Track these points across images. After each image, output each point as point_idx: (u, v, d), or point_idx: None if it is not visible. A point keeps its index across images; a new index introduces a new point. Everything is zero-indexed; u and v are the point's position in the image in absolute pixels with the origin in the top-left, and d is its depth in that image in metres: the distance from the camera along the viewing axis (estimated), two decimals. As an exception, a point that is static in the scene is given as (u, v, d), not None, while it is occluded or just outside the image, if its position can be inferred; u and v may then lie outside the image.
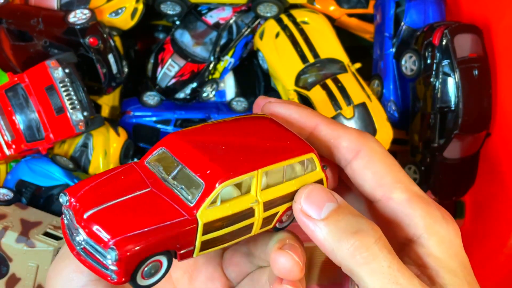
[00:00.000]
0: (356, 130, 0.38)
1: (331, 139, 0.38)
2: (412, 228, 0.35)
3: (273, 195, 0.34)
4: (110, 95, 0.87)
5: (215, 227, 0.32)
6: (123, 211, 0.31)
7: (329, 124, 0.38)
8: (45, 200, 0.75)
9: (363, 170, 0.37)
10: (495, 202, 0.78)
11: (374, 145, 0.38)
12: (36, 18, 0.78)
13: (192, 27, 0.88)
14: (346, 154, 0.37)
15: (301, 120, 0.38)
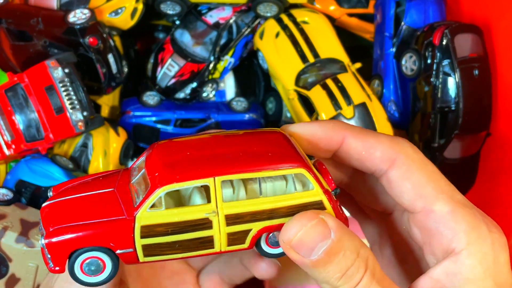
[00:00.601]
0: (388, 136, 0.36)
1: (362, 151, 0.35)
2: (453, 242, 0.34)
3: (241, 209, 0.32)
4: (110, 95, 0.87)
5: (158, 232, 0.31)
6: (71, 205, 0.33)
7: (358, 135, 0.35)
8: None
9: (401, 180, 0.35)
10: (495, 202, 0.78)
11: (411, 152, 0.35)
12: (35, 18, 0.78)
13: (192, 27, 0.88)
14: (381, 164, 0.35)
15: (326, 134, 0.36)
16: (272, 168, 0.32)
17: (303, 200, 0.32)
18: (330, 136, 0.36)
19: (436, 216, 0.34)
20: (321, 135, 0.36)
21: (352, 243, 0.32)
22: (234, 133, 0.35)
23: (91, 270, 0.32)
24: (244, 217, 0.32)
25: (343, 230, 0.32)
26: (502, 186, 0.77)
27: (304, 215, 0.32)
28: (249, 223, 0.32)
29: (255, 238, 0.33)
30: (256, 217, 0.32)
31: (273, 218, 0.32)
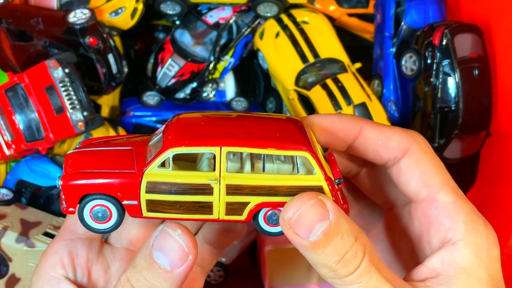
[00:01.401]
0: (403, 129, 0.38)
1: (379, 140, 0.37)
2: (451, 231, 0.35)
3: (242, 181, 0.33)
4: (110, 95, 0.87)
5: (162, 190, 0.33)
6: (91, 156, 0.35)
7: (374, 126, 0.37)
8: (45, 200, 0.75)
9: (411, 168, 0.36)
10: (495, 202, 0.78)
11: (423, 144, 0.37)
12: (36, 18, 0.78)
13: (192, 27, 0.88)
14: (395, 153, 0.37)
15: (345, 125, 0.37)
16: (277, 147, 0.33)
17: (304, 183, 0.33)
18: (348, 126, 0.37)
19: (438, 204, 0.36)
20: (340, 126, 0.37)
21: (350, 227, 0.32)
22: (253, 115, 0.37)
23: (98, 217, 0.35)
24: (244, 189, 0.33)
25: (341, 213, 0.32)
26: (502, 186, 0.77)
27: (304, 195, 0.32)
28: (248, 196, 0.33)
29: (252, 211, 0.34)
30: (255, 191, 0.33)
31: (272, 195, 0.33)
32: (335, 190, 0.34)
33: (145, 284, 0.33)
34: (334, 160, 0.36)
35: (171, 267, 0.33)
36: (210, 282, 0.81)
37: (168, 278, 0.33)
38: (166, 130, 0.35)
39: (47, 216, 0.71)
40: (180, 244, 0.33)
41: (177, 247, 0.33)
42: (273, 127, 0.35)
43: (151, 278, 0.33)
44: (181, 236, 0.33)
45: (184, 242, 0.33)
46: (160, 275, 0.33)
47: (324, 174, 0.34)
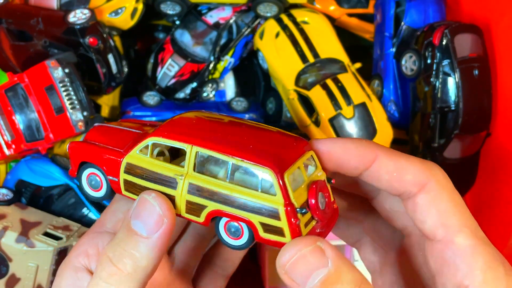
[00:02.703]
0: (421, 160, 0.35)
1: (394, 172, 0.34)
2: (468, 278, 0.32)
3: (203, 183, 0.33)
4: (110, 95, 0.87)
5: (136, 173, 0.35)
6: (106, 132, 0.38)
7: (390, 156, 0.35)
8: (45, 200, 0.75)
9: (428, 205, 0.34)
10: (495, 202, 0.78)
11: (442, 179, 0.35)
12: (36, 18, 0.78)
13: (192, 27, 0.88)
14: (411, 187, 0.34)
15: (359, 152, 0.35)
16: (242, 157, 0.32)
17: (260, 202, 0.32)
18: (363, 154, 0.35)
19: (455, 248, 0.33)
20: (354, 152, 0.35)
21: (351, 276, 0.30)
22: (250, 124, 0.36)
23: (92, 184, 0.38)
24: (203, 192, 0.33)
25: (342, 260, 0.30)
26: (502, 186, 0.77)
27: (302, 239, 0.31)
28: (206, 200, 0.33)
29: (209, 216, 0.33)
30: (213, 196, 0.33)
31: (227, 205, 0.32)
32: (295, 218, 0.31)
33: (123, 254, 0.33)
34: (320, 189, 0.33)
35: (148, 233, 0.32)
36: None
37: (145, 245, 0.32)
38: (162, 123, 0.37)
39: (47, 216, 0.71)
40: (155, 207, 0.33)
41: (153, 211, 0.33)
42: (261, 139, 0.34)
43: (128, 247, 0.33)
44: (156, 199, 0.33)
45: (158, 204, 0.33)
46: (137, 242, 0.32)
47: (285, 199, 0.31)
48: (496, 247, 0.34)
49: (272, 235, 0.32)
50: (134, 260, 0.32)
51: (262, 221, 0.32)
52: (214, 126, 0.35)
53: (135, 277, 0.32)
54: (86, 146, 0.37)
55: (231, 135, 0.34)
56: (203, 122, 0.36)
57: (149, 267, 0.33)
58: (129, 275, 0.32)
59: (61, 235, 0.67)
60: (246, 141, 0.33)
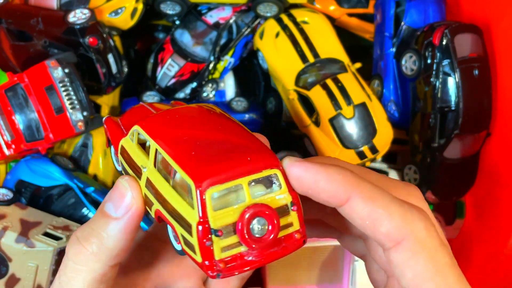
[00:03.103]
0: (402, 208, 0.30)
1: (367, 220, 0.30)
2: None
3: (154, 181, 0.32)
4: (110, 95, 0.87)
5: (124, 157, 0.36)
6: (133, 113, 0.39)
7: (366, 200, 0.30)
8: (44, 200, 0.75)
9: (403, 266, 0.30)
10: (496, 202, 0.78)
11: (423, 235, 0.30)
12: (35, 18, 0.78)
13: (192, 27, 0.88)
14: (384, 241, 0.30)
15: (331, 190, 0.30)
16: (177, 163, 0.31)
17: (182, 212, 0.30)
18: (334, 192, 0.30)
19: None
20: (325, 188, 0.30)
21: None
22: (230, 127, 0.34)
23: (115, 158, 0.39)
24: (151, 188, 0.32)
25: None
26: (502, 186, 0.77)
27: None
28: (153, 198, 0.32)
29: (156, 214, 0.33)
30: (156, 196, 0.32)
31: (163, 207, 0.32)
32: (206, 239, 0.29)
33: (90, 233, 0.32)
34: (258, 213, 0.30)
35: (117, 214, 0.32)
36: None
37: (113, 226, 0.32)
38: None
39: (47, 216, 0.71)
40: (126, 190, 0.32)
41: (124, 194, 0.32)
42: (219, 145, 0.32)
43: (96, 226, 0.32)
44: (128, 182, 0.33)
45: (129, 188, 0.32)
46: (106, 223, 0.32)
47: (201, 217, 0.29)
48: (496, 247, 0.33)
49: (189, 250, 0.30)
50: (100, 239, 0.32)
51: (182, 233, 0.31)
52: (190, 124, 0.34)
53: (100, 257, 0.32)
54: (111, 123, 0.39)
55: (195, 136, 0.32)
56: (183, 119, 0.35)
57: (115, 248, 0.32)
58: (94, 254, 0.32)
59: (61, 235, 0.67)
60: (199, 145, 0.31)
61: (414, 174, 0.83)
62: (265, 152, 0.32)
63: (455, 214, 0.86)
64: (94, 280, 0.32)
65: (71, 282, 0.32)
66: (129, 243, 0.33)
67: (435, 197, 0.81)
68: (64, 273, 0.33)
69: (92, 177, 0.80)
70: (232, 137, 0.33)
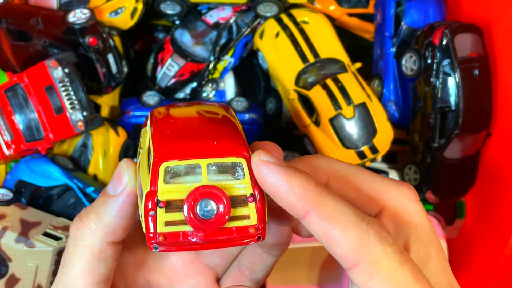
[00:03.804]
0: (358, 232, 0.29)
1: (323, 239, 0.29)
2: None
3: (142, 160, 0.33)
4: (110, 95, 0.87)
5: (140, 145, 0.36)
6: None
7: (323, 219, 0.29)
8: (44, 200, 0.75)
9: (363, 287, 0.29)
10: (496, 202, 0.78)
11: (379, 257, 0.28)
12: (35, 18, 0.78)
13: (192, 27, 0.88)
14: (341, 262, 0.29)
15: (290, 201, 0.29)
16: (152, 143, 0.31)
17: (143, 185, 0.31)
18: (292, 204, 0.29)
19: None
20: (284, 197, 0.29)
21: None
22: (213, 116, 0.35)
23: None
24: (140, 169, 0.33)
25: None
26: (502, 186, 0.77)
27: None
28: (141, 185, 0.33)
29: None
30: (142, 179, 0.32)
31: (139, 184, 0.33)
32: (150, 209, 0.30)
33: (90, 210, 0.34)
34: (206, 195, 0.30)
35: (113, 192, 0.34)
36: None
37: (110, 203, 0.33)
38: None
39: (47, 216, 0.71)
40: (124, 169, 0.34)
41: (122, 173, 0.34)
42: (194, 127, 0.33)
43: (96, 204, 0.34)
44: (126, 162, 0.34)
45: (126, 167, 0.34)
46: (104, 200, 0.34)
47: (151, 187, 0.30)
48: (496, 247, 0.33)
49: (141, 220, 0.31)
50: (97, 215, 0.33)
51: (139, 203, 0.32)
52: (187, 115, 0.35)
53: (96, 232, 0.33)
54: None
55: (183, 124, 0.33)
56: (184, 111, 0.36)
57: (111, 224, 0.33)
58: (91, 230, 0.33)
59: (61, 235, 0.67)
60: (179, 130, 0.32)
61: (414, 174, 0.83)
62: (237, 141, 0.31)
63: (455, 214, 0.86)
64: (92, 256, 0.33)
65: (72, 258, 0.34)
66: (126, 220, 0.34)
67: (435, 197, 0.81)
68: (67, 251, 0.34)
69: (92, 177, 0.80)
70: (216, 127, 0.33)
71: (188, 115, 0.35)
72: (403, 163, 0.86)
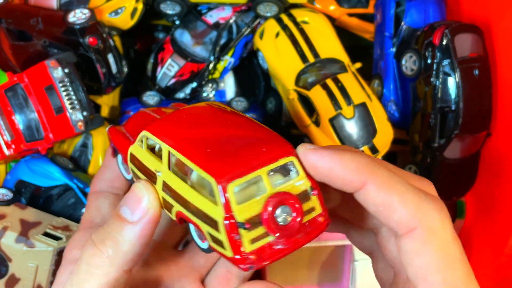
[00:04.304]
0: (417, 197, 0.30)
1: (381, 206, 0.30)
2: None
3: (172, 183, 0.32)
4: (110, 95, 0.87)
5: (135, 163, 0.36)
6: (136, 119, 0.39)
7: (381, 187, 0.30)
8: (44, 200, 0.75)
9: (412, 254, 0.29)
10: (496, 202, 0.78)
11: (436, 226, 0.29)
12: (35, 18, 0.78)
13: (192, 27, 0.88)
14: (397, 228, 0.30)
15: (346, 177, 0.30)
16: (194, 162, 0.31)
17: (205, 209, 0.30)
18: (349, 178, 0.30)
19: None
20: (340, 174, 0.30)
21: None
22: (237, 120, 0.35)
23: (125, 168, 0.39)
24: (170, 191, 0.32)
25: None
26: (502, 186, 0.77)
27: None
28: (172, 200, 0.33)
29: (178, 216, 0.33)
30: (176, 197, 0.32)
31: (185, 208, 0.32)
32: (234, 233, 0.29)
33: (106, 236, 0.32)
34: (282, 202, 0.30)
35: (133, 219, 0.32)
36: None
37: (129, 230, 0.32)
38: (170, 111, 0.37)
39: (47, 216, 0.71)
40: (143, 194, 0.32)
41: (140, 198, 0.32)
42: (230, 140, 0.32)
43: (113, 230, 0.32)
44: (145, 185, 0.33)
45: (145, 192, 0.32)
46: (122, 227, 0.32)
47: (225, 211, 0.29)
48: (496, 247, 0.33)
49: (217, 246, 0.31)
50: (116, 243, 0.32)
51: (208, 230, 0.31)
52: (199, 123, 0.34)
53: (115, 260, 0.32)
54: (115, 133, 0.39)
55: (207, 134, 0.33)
56: (191, 118, 0.35)
57: (130, 252, 0.32)
58: (109, 258, 0.32)
59: (61, 235, 0.67)
60: (211, 142, 0.32)
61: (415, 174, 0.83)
62: (279, 141, 0.32)
63: (455, 214, 0.86)
64: (107, 284, 0.32)
65: (83, 285, 0.32)
66: (145, 248, 0.33)
67: (435, 197, 0.81)
68: (77, 275, 0.32)
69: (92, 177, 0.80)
70: (244, 131, 0.33)
71: (201, 121, 0.35)
72: (403, 163, 0.86)
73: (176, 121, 0.34)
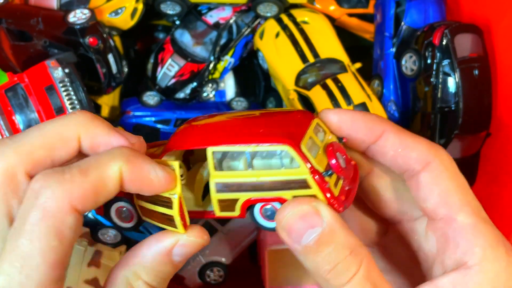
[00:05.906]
0: (427, 141, 0.36)
1: (399, 148, 0.35)
2: (467, 255, 0.33)
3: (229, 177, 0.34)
4: (110, 95, 0.87)
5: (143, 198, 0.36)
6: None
7: (397, 132, 0.36)
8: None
9: (430, 184, 0.34)
10: (496, 202, 0.78)
11: (446, 159, 0.36)
12: (35, 18, 0.78)
13: (192, 27, 0.88)
14: (414, 164, 0.35)
15: (367, 125, 0.36)
16: (257, 143, 0.33)
17: (287, 177, 0.33)
18: (370, 127, 0.36)
19: (457, 225, 0.34)
20: (362, 125, 0.36)
21: (345, 239, 0.31)
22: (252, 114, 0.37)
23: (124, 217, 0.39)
24: (231, 187, 0.34)
25: (338, 223, 0.31)
26: (502, 186, 0.77)
27: (298, 200, 0.32)
28: (236, 193, 0.34)
29: (243, 208, 0.34)
30: (241, 188, 0.33)
31: (256, 191, 0.33)
32: (324, 182, 0.32)
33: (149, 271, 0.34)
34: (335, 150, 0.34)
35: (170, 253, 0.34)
36: (210, 282, 0.81)
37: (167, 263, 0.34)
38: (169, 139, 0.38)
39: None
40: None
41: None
42: (267, 123, 0.35)
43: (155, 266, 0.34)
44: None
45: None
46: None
47: (309, 167, 0.32)
48: None
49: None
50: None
51: (295, 194, 0.33)
52: (220, 125, 0.36)
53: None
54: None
55: (239, 127, 0.35)
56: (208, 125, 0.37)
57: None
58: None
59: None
60: (254, 129, 0.34)
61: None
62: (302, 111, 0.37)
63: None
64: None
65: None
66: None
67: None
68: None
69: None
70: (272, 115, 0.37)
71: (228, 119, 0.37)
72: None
73: (194, 132, 0.36)
